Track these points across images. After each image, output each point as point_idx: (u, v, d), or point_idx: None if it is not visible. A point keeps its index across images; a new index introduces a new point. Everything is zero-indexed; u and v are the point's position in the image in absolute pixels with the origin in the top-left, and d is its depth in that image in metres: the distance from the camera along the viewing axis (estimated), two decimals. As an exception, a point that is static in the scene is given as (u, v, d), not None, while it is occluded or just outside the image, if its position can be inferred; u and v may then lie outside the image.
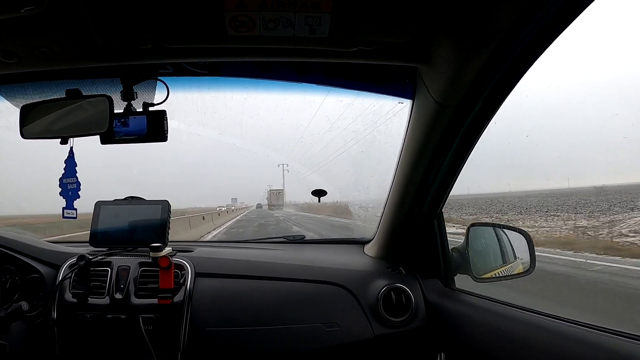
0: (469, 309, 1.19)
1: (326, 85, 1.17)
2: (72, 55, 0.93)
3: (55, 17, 0.78)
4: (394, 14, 0.78)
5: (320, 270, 1.43)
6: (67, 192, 1.30)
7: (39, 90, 1.15)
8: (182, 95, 1.24)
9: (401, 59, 0.96)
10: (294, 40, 0.84)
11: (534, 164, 22.95)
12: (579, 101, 37.19)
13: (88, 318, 1.27)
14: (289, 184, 37.66)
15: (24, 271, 1.38)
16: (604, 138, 19.17)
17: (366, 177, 2.35)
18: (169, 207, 1.48)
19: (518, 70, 0.85)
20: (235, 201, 43.41)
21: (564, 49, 1.39)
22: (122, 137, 1.10)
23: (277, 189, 39.86)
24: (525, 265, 1.28)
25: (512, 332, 1.00)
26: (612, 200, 14.02)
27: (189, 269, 1.36)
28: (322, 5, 0.74)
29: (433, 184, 1.22)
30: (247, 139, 10.95)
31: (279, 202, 39.30)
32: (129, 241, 1.46)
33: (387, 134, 1.47)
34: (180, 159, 47.95)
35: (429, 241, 1.38)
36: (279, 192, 39.99)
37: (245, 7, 0.74)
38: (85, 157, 1.48)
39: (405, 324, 1.33)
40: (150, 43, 0.87)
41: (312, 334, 1.31)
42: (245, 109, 2.38)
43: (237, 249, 1.66)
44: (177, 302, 1.29)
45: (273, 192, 40.49)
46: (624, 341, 0.78)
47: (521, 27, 0.73)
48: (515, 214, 14.58)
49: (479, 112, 0.98)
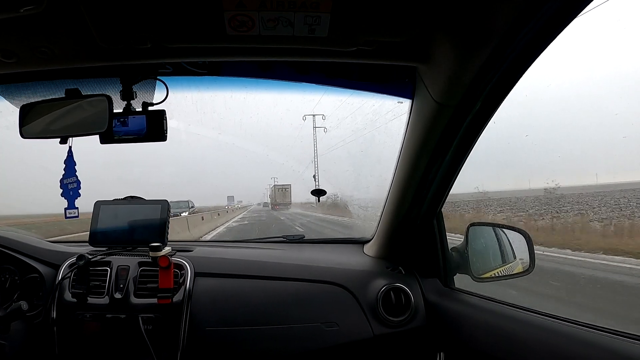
0: (469, 308, 1.19)
1: (325, 85, 1.17)
2: (71, 55, 0.93)
3: (54, 17, 0.78)
4: (394, 13, 0.78)
5: (320, 269, 1.44)
6: (67, 192, 1.31)
7: (39, 90, 1.15)
8: (182, 95, 1.25)
9: (400, 59, 0.96)
10: (293, 40, 0.84)
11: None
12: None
13: (88, 318, 1.27)
14: (293, 184, 31.68)
15: (24, 271, 1.38)
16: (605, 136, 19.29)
17: (374, 176, 2.34)
18: (168, 206, 1.48)
19: (517, 70, 0.85)
20: (232, 200, 37.62)
21: (562, 49, 1.39)
22: (121, 136, 1.10)
23: (282, 185, 32.16)
24: (525, 265, 1.28)
25: (512, 331, 1.00)
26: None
27: (189, 268, 1.36)
28: (321, 5, 0.74)
29: (432, 183, 1.22)
30: (247, 138, 10.92)
31: (286, 201, 32.46)
32: (129, 241, 1.46)
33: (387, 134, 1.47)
34: (179, 159, 47.95)
35: (429, 241, 1.38)
36: (285, 189, 32.35)
37: (245, 6, 0.74)
38: (84, 157, 1.48)
39: (405, 324, 1.33)
40: (150, 43, 0.87)
41: (312, 334, 1.31)
42: (245, 109, 2.39)
43: (237, 249, 1.66)
44: (176, 302, 1.29)
45: (278, 188, 32.66)
46: (624, 341, 0.78)
47: (520, 26, 0.73)
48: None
49: (479, 111, 0.98)
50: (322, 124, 17.17)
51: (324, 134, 17.77)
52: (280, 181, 31.98)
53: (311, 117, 15.69)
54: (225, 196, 36.43)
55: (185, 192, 50.07)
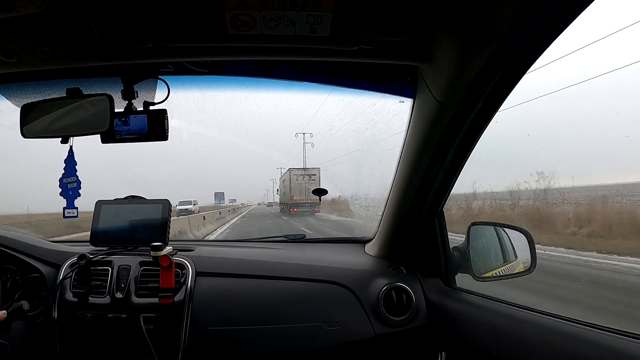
0: (470, 308, 1.19)
1: (327, 84, 1.17)
2: (72, 55, 0.93)
3: (55, 16, 0.78)
4: (395, 12, 0.78)
5: (321, 269, 1.43)
6: (67, 191, 1.30)
7: (40, 90, 1.15)
8: (183, 94, 1.25)
9: (402, 58, 0.96)
10: (295, 39, 0.84)
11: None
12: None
13: (89, 317, 1.27)
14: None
15: (25, 271, 1.38)
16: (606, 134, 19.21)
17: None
18: (169, 206, 1.48)
19: (519, 69, 0.85)
20: (222, 197, 29.21)
21: (563, 48, 1.38)
22: (122, 136, 1.10)
23: (306, 170, 19.52)
24: (526, 264, 1.28)
25: (513, 331, 1.00)
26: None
27: (190, 268, 1.36)
28: (323, 4, 0.73)
29: (434, 183, 1.22)
30: (248, 138, 10.86)
31: (312, 198, 17.41)
32: (130, 240, 1.46)
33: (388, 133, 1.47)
34: (180, 159, 47.95)
35: (430, 240, 1.38)
36: (312, 176, 19.32)
37: (246, 5, 0.74)
38: (85, 157, 1.48)
39: (406, 323, 1.33)
40: (151, 42, 0.87)
41: (313, 333, 1.31)
42: (246, 108, 2.40)
43: (238, 248, 1.66)
44: (177, 302, 1.29)
45: (299, 175, 19.49)
46: (625, 341, 0.78)
47: (522, 25, 0.73)
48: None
49: (480, 111, 0.98)
50: (309, 140, 14.26)
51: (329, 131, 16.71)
52: (297, 165, 19.61)
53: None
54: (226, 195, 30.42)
55: (185, 191, 49.83)
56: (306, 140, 17.63)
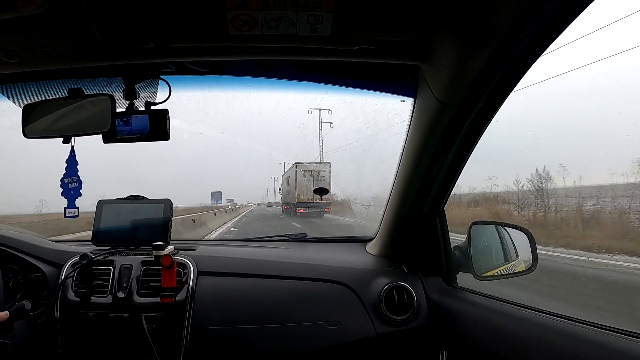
0: (471, 307, 1.19)
1: (328, 84, 1.17)
2: (74, 55, 0.93)
3: (57, 17, 0.78)
4: (396, 12, 0.78)
5: (323, 268, 1.44)
6: (68, 191, 1.31)
7: (41, 90, 1.15)
8: (184, 94, 1.25)
9: (403, 58, 0.96)
10: (295, 39, 0.84)
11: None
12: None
13: (91, 317, 1.28)
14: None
15: (27, 270, 1.39)
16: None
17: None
18: (171, 205, 1.48)
19: (520, 69, 0.85)
20: (219, 197, 26.37)
21: (563, 48, 1.38)
22: (124, 136, 1.10)
23: (314, 165, 17.33)
24: (527, 264, 1.28)
25: (515, 330, 1.00)
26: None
27: (192, 267, 1.36)
28: (324, 4, 0.74)
29: (435, 182, 1.22)
30: (249, 137, 10.82)
31: (318, 199, 15.54)
32: (132, 240, 1.46)
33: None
34: (182, 158, 48.00)
35: (431, 239, 1.38)
36: (321, 173, 16.92)
37: (248, 6, 0.74)
38: (87, 156, 1.48)
39: (407, 323, 1.33)
40: (152, 42, 0.87)
41: (315, 333, 1.31)
42: (247, 108, 2.40)
43: (240, 248, 1.66)
44: (179, 301, 1.29)
45: (307, 171, 16.96)
46: (626, 339, 0.78)
47: (523, 24, 0.73)
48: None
49: (481, 110, 0.98)
50: (327, 119, 13.65)
51: (330, 129, 15.77)
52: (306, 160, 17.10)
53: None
54: (225, 194, 28.47)
55: (186, 192, 49.84)
56: (323, 119, 14.98)
